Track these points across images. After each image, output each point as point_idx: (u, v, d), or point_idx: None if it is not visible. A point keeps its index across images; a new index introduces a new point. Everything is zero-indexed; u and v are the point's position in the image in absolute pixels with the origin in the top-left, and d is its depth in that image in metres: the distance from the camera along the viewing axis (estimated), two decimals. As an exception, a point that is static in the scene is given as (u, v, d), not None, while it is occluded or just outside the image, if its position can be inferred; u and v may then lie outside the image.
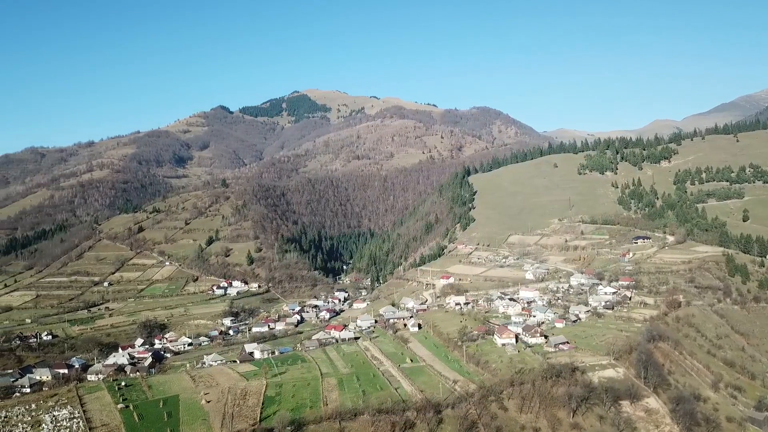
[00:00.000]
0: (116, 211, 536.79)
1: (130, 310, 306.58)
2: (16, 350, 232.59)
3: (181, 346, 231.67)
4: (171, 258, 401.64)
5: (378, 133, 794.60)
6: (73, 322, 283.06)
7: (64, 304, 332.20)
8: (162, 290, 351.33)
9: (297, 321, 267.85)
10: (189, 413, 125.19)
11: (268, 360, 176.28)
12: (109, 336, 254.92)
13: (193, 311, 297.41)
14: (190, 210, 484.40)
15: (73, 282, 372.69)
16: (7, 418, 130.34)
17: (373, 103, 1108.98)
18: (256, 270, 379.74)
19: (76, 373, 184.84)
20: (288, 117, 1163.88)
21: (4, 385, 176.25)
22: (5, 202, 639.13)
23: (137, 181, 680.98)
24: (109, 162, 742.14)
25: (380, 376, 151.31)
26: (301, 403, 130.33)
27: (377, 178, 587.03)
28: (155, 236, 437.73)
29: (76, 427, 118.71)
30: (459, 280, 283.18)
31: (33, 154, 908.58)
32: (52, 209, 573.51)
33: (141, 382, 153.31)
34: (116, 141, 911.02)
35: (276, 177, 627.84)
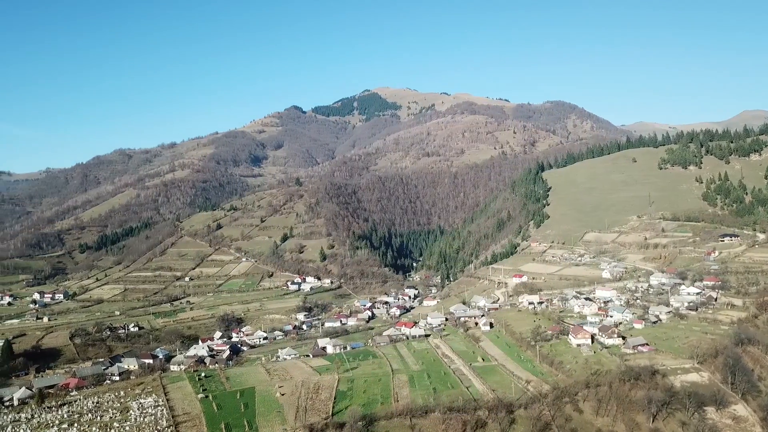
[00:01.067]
0: (196, 209, 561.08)
1: (209, 304, 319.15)
2: (107, 340, 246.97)
3: (256, 340, 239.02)
4: (247, 254, 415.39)
5: (448, 130, 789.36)
6: (157, 315, 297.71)
7: (149, 298, 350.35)
8: (239, 285, 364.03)
9: (368, 317, 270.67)
10: (264, 405, 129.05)
11: (339, 355, 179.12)
12: (190, 329, 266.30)
13: (268, 306, 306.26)
14: (266, 208, 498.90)
15: (157, 277, 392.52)
16: (99, 403, 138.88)
17: (444, 100, 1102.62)
18: (329, 266, 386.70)
19: (160, 364, 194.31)
20: (359, 116, 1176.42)
21: (97, 373, 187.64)
22: (96, 201, 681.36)
23: (216, 180, 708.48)
24: (190, 162, 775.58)
25: (451, 374, 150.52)
26: (372, 399, 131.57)
27: (447, 175, 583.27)
28: (233, 233, 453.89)
29: (161, 414, 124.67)
30: (532, 278, 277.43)
31: (121, 155, 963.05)
32: (138, 208, 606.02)
33: (219, 374, 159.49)
34: (196, 142, 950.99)
35: (347, 175, 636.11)
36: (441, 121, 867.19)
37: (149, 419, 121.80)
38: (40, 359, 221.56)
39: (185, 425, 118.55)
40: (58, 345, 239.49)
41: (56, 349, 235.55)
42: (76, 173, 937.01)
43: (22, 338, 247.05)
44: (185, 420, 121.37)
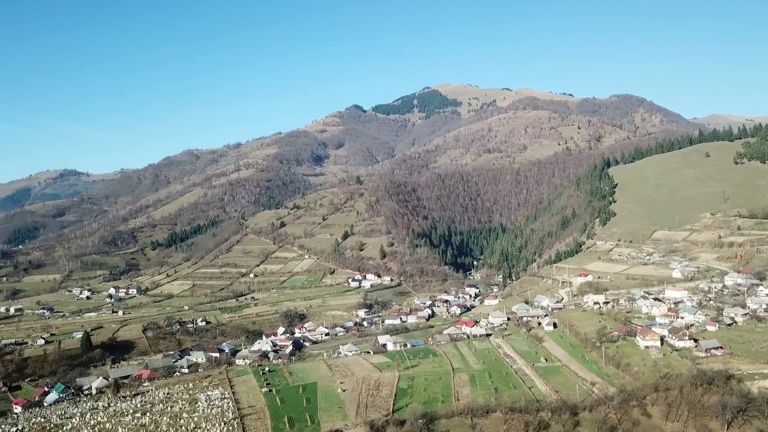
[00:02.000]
0: (261, 208, 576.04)
1: (273, 300, 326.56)
2: (176, 334, 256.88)
3: (318, 336, 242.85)
4: (310, 251, 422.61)
5: (510, 126, 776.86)
6: (223, 310, 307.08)
7: (216, 293, 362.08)
8: (302, 282, 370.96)
9: (428, 315, 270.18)
10: (326, 400, 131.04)
11: (400, 352, 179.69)
12: (255, 324, 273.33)
13: (329, 302, 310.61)
14: (327, 206, 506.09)
15: (224, 273, 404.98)
16: (169, 394, 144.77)
17: (505, 95, 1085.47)
18: (389, 264, 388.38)
19: (226, 357, 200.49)
20: (419, 113, 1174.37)
21: (167, 365, 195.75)
22: (167, 200, 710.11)
23: (279, 179, 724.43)
24: (254, 162, 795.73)
25: (513, 374, 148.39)
26: (432, 397, 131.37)
27: (509, 172, 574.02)
28: (295, 231, 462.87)
29: (227, 407, 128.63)
30: (598, 278, 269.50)
31: (189, 156, 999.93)
32: (206, 206, 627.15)
33: (283, 369, 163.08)
34: (260, 142, 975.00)
35: (407, 173, 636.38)
36: (502, 117, 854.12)
37: (216, 411, 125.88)
38: (115, 351, 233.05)
39: (250, 418, 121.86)
40: (131, 338, 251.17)
41: (130, 341, 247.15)
42: (148, 173, 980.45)
43: (99, 330, 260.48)
44: (250, 413, 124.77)
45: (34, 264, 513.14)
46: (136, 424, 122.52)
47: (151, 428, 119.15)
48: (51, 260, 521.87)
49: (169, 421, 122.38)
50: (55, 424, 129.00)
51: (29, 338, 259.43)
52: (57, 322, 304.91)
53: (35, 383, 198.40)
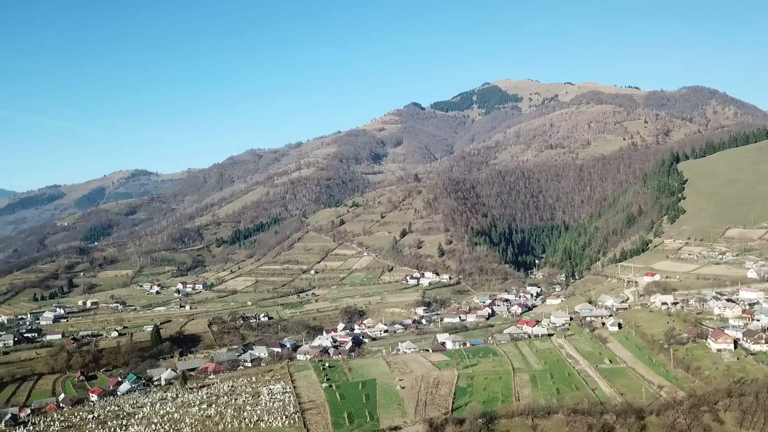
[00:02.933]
0: (321, 206, 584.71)
1: (333, 296, 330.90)
2: (240, 328, 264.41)
3: (377, 333, 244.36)
4: (368, 249, 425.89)
5: (573, 121, 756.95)
6: (285, 306, 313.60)
7: (278, 290, 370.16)
8: (361, 279, 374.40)
9: (488, 314, 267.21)
10: (385, 397, 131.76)
11: (459, 351, 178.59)
12: (315, 320, 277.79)
13: (388, 299, 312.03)
14: (385, 204, 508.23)
15: (285, 270, 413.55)
16: (233, 387, 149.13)
17: (567, 90, 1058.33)
18: (447, 262, 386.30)
19: (287, 353, 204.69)
20: (478, 109, 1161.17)
21: (231, 359, 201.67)
22: (231, 198, 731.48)
23: (338, 177, 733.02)
24: (315, 161, 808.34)
25: (575, 375, 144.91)
26: (492, 397, 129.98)
27: (572, 168, 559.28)
28: (354, 228, 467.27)
29: (288, 401, 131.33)
30: (666, 277, 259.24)
31: (252, 155, 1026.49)
32: (268, 204, 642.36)
33: (342, 365, 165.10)
34: (320, 141, 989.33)
35: (466, 170, 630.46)
36: (565, 112, 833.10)
37: (278, 405, 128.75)
38: (183, 344, 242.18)
39: (311, 412, 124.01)
40: (198, 331, 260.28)
41: (196, 335, 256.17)
42: (213, 173, 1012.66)
43: (167, 324, 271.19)
44: (311, 407, 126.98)
45: (108, 260, 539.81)
46: (202, 415, 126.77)
47: (216, 419, 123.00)
48: (123, 256, 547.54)
49: (233, 413, 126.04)
50: (127, 412, 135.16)
51: (104, 330, 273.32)
52: (129, 315, 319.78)
53: (109, 373, 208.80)
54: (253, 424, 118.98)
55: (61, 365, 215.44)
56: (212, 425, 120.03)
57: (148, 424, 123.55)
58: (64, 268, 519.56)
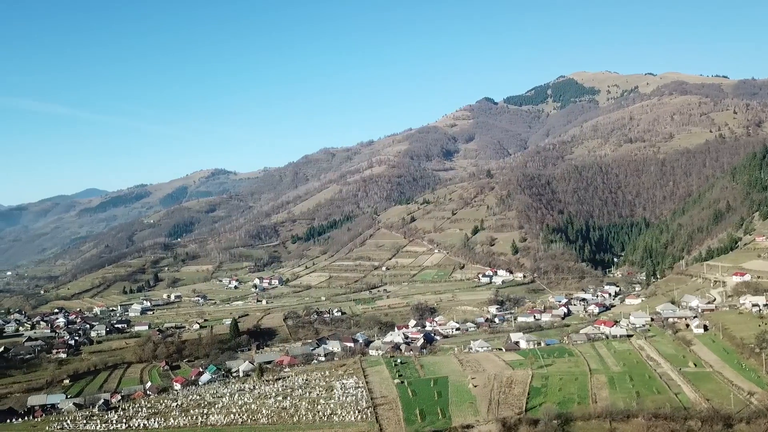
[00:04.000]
0: (392, 203, 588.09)
1: (404, 293, 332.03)
2: (314, 323, 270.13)
3: (449, 330, 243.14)
4: (439, 246, 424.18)
5: (654, 113, 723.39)
6: (357, 302, 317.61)
7: (350, 285, 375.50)
8: (432, 276, 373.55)
9: (563, 313, 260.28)
10: (457, 395, 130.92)
11: (533, 350, 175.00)
12: (387, 316, 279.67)
13: (460, 297, 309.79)
14: (457, 201, 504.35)
15: (357, 266, 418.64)
16: (308, 380, 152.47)
17: (648, 81, 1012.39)
18: (521, 260, 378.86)
19: (360, 348, 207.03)
20: (553, 103, 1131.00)
21: (306, 353, 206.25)
22: (305, 196, 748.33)
23: (410, 174, 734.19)
24: (386, 158, 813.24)
25: (656, 379, 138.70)
26: (568, 398, 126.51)
27: (653, 162, 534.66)
28: (425, 225, 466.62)
29: (360, 395, 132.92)
30: (757, 277, 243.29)
31: (326, 154, 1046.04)
32: (341, 202, 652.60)
33: (414, 361, 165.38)
34: (392, 139, 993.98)
35: (540, 165, 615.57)
36: (646, 104, 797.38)
37: (351, 399, 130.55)
38: (259, 337, 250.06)
39: (383, 408, 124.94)
40: (273, 325, 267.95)
41: (272, 329, 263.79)
42: (288, 171, 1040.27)
43: (245, 318, 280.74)
44: (383, 403, 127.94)
45: (191, 255, 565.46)
46: (278, 407, 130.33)
47: (291, 411, 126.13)
48: (204, 252, 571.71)
49: (307, 405, 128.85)
50: (208, 401, 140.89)
51: (186, 323, 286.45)
52: (209, 309, 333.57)
53: (191, 364, 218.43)
54: (327, 417, 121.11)
55: (147, 355, 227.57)
56: (287, 417, 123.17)
57: (227, 413, 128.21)
58: (150, 263, 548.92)
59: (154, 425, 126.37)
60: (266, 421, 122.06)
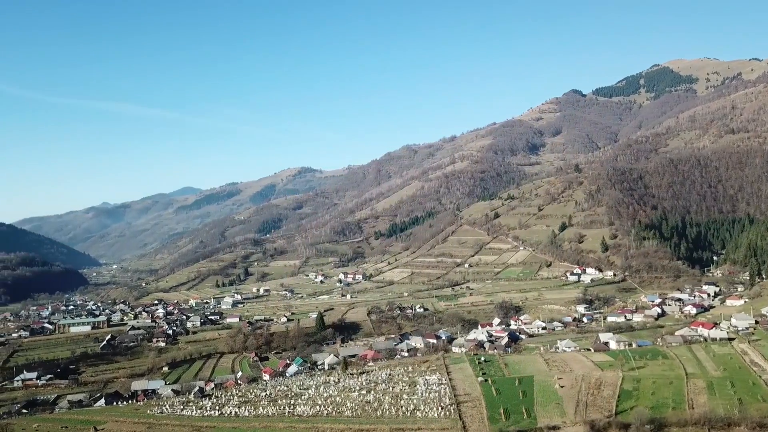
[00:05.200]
0: (475, 199, 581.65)
1: (488, 290, 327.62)
2: (397, 318, 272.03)
3: (534, 329, 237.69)
4: (524, 243, 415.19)
5: (760, 101, 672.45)
6: (439, 298, 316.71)
7: (433, 282, 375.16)
8: (516, 274, 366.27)
9: (657, 314, 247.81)
10: (542, 395, 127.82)
11: (624, 352, 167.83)
12: (470, 313, 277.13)
13: (546, 296, 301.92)
14: (543, 196, 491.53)
15: (440, 263, 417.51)
16: (391, 375, 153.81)
17: (753, 67, 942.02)
18: (611, 257, 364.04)
19: (442, 344, 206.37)
20: (646, 94, 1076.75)
21: (389, 348, 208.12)
22: (388, 193, 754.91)
23: (493, 170, 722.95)
24: (469, 154, 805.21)
25: (762, 386, 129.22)
26: (661, 402, 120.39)
27: (759, 154, 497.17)
28: (510, 222, 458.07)
29: (443, 392, 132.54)
30: None
31: (407, 150, 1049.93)
32: (423, 198, 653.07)
33: (498, 359, 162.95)
34: (475, 134, 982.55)
35: (632, 159, 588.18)
36: (750, 92, 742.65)
37: (433, 395, 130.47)
38: (344, 331, 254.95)
39: (466, 405, 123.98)
40: (357, 320, 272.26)
41: (356, 323, 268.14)
42: (371, 169, 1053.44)
43: (330, 312, 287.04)
44: (466, 400, 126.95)
45: (278, 251, 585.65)
46: (361, 400, 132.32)
47: (375, 406, 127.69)
48: (291, 248, 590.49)
49: (390, 400, 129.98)
50: (295, 393, 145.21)
51: (274, 316, 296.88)
52: (296, 302, 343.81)
53: (279, 356, 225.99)
54: (410, 412, 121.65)
55: (238, 346, 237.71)
56: (371, 411, 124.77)
57: (313, 405, 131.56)
58: (241, 258, 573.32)
59: (245, 413, 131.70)
60: (350, 414, 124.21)
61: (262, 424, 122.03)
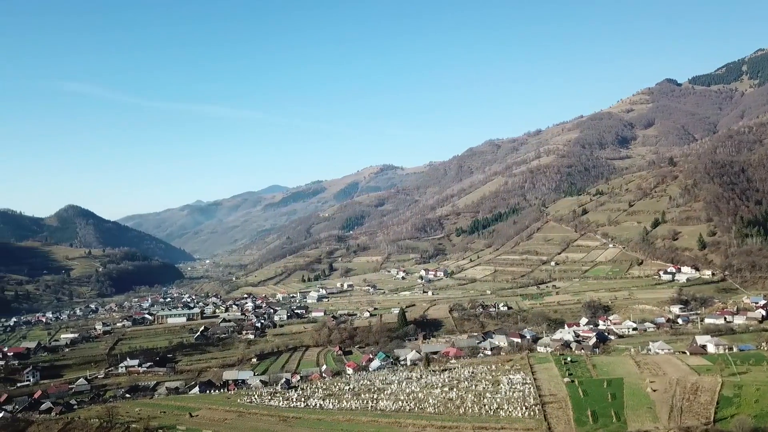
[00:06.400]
0: (561, 195, 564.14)
1: (575, 289, 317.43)
2: (479, 316, 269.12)
3: (624, 330, 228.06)
4: (614, 240, 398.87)
5: None
6: (524, 297, 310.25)
7: (517, 280, 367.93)
8: (605, 272, 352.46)
9: (761, 316, 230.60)
10: (633, 398, 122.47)
11: (723, 356, 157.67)
12: (556, 312, 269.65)
13: (637, 295, 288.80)
14: (634, 191, 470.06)
15: (524, 260, 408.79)
16: (473, 373, 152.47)
17: None
18: (709, 255, 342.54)
19: (527, 344, 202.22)
20: (749, 81, 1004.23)
21: (471, 346, 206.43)
22: (470, 189, 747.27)
23: (580, 164, 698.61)
24: (555, 148, 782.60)
25: None
26: (766, 411, 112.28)
27: None
28: (598, 218, 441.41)
29: (528, 392, 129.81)
30: None
31: (490, 146, 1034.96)
32: (506, 194, 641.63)
33: (585, 360, 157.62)
34: (561, 127, 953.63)
35: (733, 151, 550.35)
36: None
37: (517, 395, 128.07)
38: (425, 327, 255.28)
39: (551, 406, 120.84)
40: (439, 317, 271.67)
41: (438, 320, 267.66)
42: (452, 165, 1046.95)
43: (412, 308, 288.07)
44: (551, 401, 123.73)
45: (361, 247, 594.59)
46: (444, 397, 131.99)
47: (457, 403, 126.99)
48: (374, 244, 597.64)
49: (473, 398, 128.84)
50: (377, 387, 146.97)
51: (358, 311, 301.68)
52: (378, 298, 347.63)
53: (362, 350, 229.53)
54: (493, 411, 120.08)
55: (323, 340, 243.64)
56: (453, 408, 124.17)
57: (396, 400, 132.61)
58: (325, 253, 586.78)
59: (329, 406, 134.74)
60: (432, 410, 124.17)
61: (346, 417, 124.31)
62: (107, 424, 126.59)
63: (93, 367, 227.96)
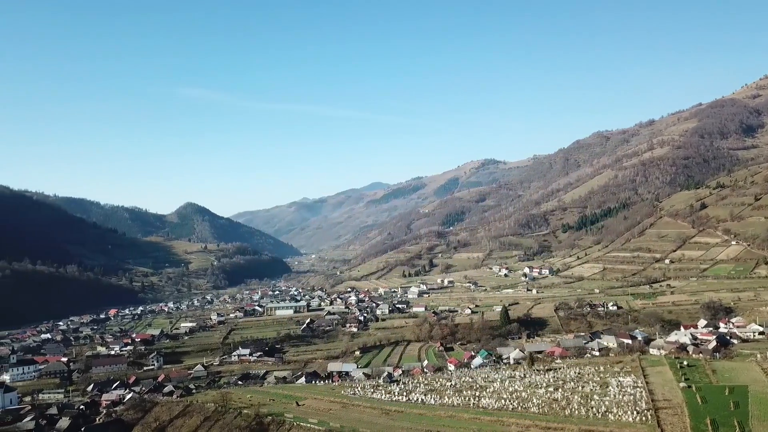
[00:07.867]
0: (677, 188, 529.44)
1: (692, 289, 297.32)
2: (587, 316, 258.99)
3: (749, 334, 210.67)
4: (737, 237, 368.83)
5: None
6: (635, 296, 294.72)
7: (627, 278, 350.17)
8: (727, 271, 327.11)
9: None
10: (759, 408, 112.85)
11: None
12: (671, 313, 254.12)
13: (764, 296, 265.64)
14: (761, 184, 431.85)
15: (635, 258, 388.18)
16: (580, 374, 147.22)
17: None
18: None
19: (638, 345, 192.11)
20: None
21: (578, 346, 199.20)
22: (576, 183, 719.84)
23: (699, 155, 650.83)
24: (669, 139, 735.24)
25: None
26: None
27: None
28: (719, 213, 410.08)
29: (639, 396, 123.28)
30: None
31: (599, 138, 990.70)
32: (616, 188, 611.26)
33: (704, 365, 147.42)
34: (676, 117, 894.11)
35: None
36: None
37: (628, 399, 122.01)
38: (529, 326, 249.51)
39: (665, 412, 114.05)
40: (543, 315, 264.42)
41: (542, 319, 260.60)
42: (558, 158, 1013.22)
43: (515, 306, 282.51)
44: (665, 407, 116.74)
45: (462, 243, 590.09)
46: (548, 397, 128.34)
47: (563, 404, 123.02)
48: (474, 240, 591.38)
49: (579, 400, 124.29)
50: (480, 385, 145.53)
51: (458, 307, 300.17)
52: (480, 295, 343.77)
53: (464, 347, 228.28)
54: (601, 414, 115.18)
55: (424, 335, 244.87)
56: (559, 409, 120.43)
57: (498, 398, 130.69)
58: (426, 249, 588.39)
59: (430, 401, 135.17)
60: (536, 410, 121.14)
61: (447, 414, 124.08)
62: (222, 409, 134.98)
63: (209, 354, 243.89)
